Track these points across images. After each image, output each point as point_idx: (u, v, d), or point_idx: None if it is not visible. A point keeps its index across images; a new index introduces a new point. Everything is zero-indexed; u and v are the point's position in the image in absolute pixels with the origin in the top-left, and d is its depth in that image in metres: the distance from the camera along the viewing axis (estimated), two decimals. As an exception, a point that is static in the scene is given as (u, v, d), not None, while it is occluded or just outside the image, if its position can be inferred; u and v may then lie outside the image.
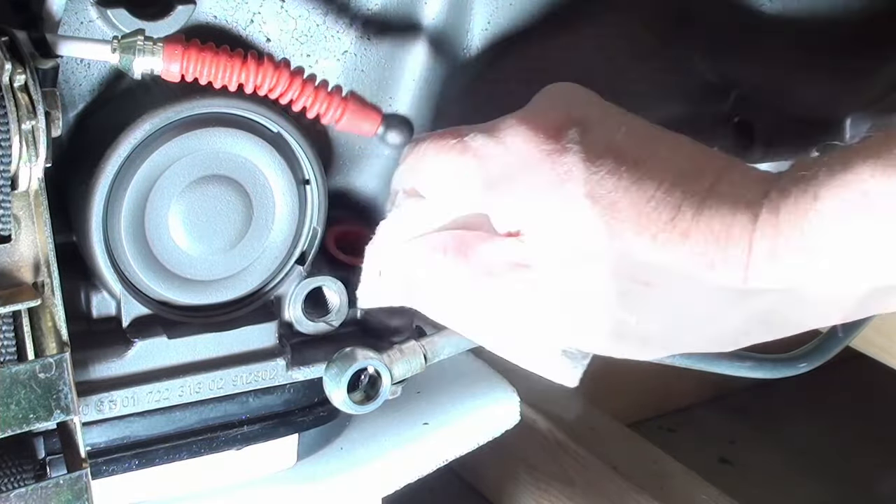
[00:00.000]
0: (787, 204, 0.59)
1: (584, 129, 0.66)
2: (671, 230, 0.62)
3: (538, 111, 0.69)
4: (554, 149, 0.65)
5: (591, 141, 0.65)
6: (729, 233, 0.61)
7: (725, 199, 0.62)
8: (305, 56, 0.82)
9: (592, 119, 0.67)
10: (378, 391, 0.76)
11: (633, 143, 0.65)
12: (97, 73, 0.77)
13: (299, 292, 0.83)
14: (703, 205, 0.62)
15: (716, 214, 0.61)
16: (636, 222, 0.62)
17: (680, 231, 0.62)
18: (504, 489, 1.42)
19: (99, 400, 0.77)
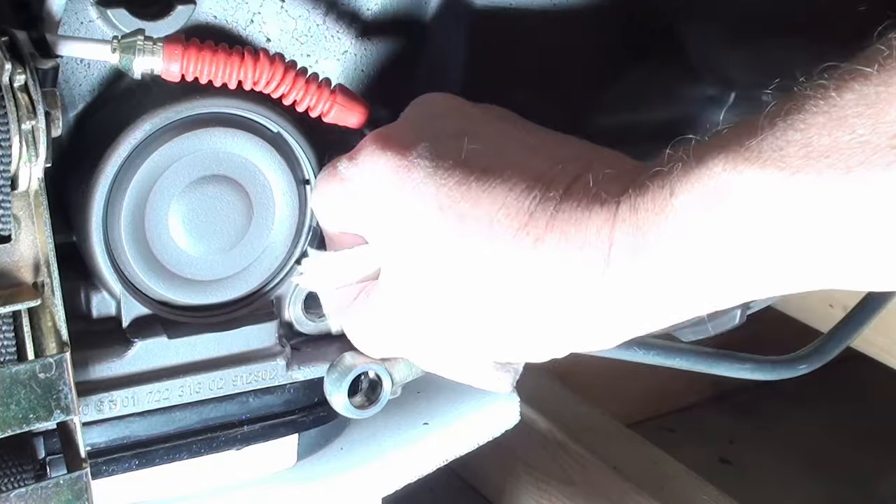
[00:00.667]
0: (645, 200, 0.59)
1: (436, 142, 0.66)
2: (524, 237, 0.62)
3: (395, 127, 0.70)
4: (402, 165, 0.66)
5: (441, 153, 0.65)
6: (585, 233, 0.61)
7: (582, 199, 0.62)
8: (305, 56, 0.82)
9: (446, 130, 0.68)
10: (378, 395, 0.76)
11: (485, 152, 0.65)
12: (97, 73, 0.77)
13: (299, 292, 0.83)
14: (557, 209, 0.62)
15: (570, 218, 0.61)
16: (487, 232, 0.62)
17: (533, 237, 0.62)
18: (504, 489, 1.42)
19: (99, 400, 0.77)
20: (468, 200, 0.63)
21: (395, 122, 0.72)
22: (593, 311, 0.62)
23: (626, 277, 0.60)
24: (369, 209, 0.68)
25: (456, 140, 0.66)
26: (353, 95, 0.76)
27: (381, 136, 0.68)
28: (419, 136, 0.67)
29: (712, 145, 0.57)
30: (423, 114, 0.72)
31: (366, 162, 0.68)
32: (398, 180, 0.66)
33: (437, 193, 0.64)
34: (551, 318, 0.64)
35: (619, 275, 0.60)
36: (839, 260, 0.54)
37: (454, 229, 0.63)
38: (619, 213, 0.60)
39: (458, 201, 0.63)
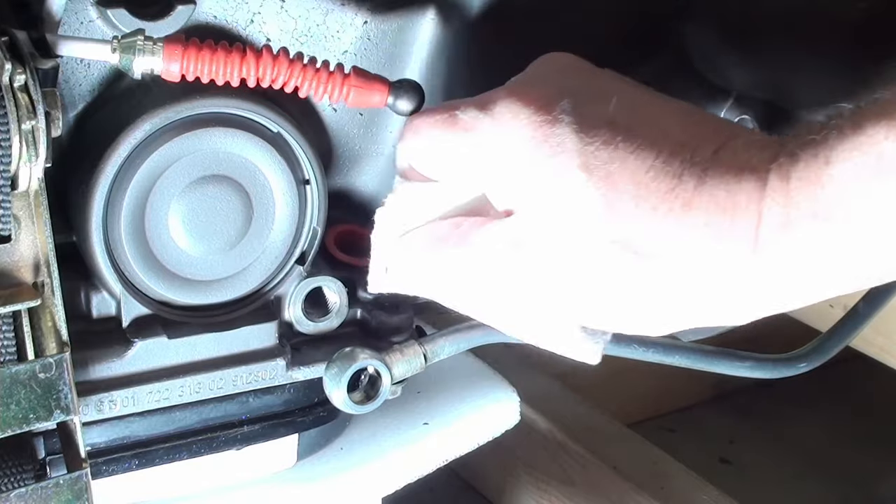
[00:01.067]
0: (798, 170, 0.56)
1: (576, 100, 0.63)
2: (672, 200, 0.59)
3: (530, 82, 0.67)
4: (545, 120, 0.62)
5: (584, 111, 0.62)
6: (735, 201, 0.58)
7: (730, 166, 0.59)
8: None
9: (586, 89, 0.65)
10: (378, 391, 0.76)
11: (628, 113, 0.63)
12: (97, 73, 0.77)
13: (299, 292, 0.83)
14: (705, 173, 0.59)
15: (720, 183, 0.58)
16: (634, 193, 0.60)
17: (682, 201, 0.59)
18: (504, 489, 1.42)
19: (99, 400, 0.77)
20: (615, 161, 0.60)
21: (526, 76, 0.68)
22: (736, 283, 0.60)
23: (775, 247, 0.57)
24: (500, 162, 0.64)
25: (598, 98, 0.63)
26: (369, 75, 0.74)
27: (519, 90, 0.65)
28: (559, 91, 0.64)
29: (871, 113, 0.55)
30: (557, 70, 0.68)
31: (503, 114, 0.64)
32: (540, 136, 0.62)
33: (581, 151, 0.61)
34: (691, 287, 0.61)
35: (768, 243, 0.57)
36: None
37: (600, 189, 0.60)
38: (769, 182, 0.57)
39: (604, 161, 0.60)
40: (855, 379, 1.65)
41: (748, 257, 0.58)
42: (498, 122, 0.64)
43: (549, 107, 0.63)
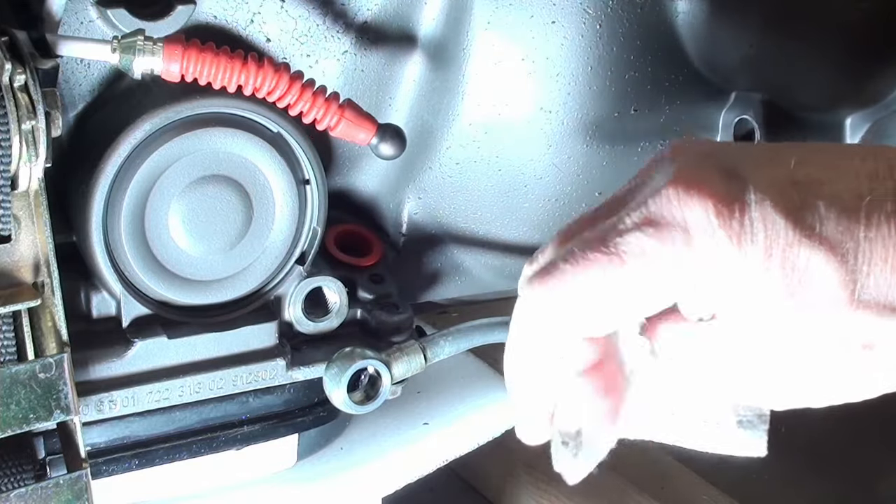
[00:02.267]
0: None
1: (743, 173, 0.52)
2: (890, 236, 0.50)
3: (687, 170, 0.53)
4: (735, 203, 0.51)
5: (763, 179, 0.52)
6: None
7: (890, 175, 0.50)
8: (305, 56, 0.82)
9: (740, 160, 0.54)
10: (378, 391, 0.76)
11: (804, 169, 0.53)
12: (97, 73, 0.77)
13: (299, 292, 0.83)
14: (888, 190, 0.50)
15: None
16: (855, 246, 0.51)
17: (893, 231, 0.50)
18: (504, 489, 1.42)
19: (99, 400, 0.77)
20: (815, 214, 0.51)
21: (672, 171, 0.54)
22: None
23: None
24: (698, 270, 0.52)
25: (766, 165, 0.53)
26: (362, 112, 0.75)
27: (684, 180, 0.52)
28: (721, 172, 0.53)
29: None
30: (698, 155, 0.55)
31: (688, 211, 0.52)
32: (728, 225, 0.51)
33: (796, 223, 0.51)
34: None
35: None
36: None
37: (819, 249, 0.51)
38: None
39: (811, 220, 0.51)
40: (855, 379, 1.65)
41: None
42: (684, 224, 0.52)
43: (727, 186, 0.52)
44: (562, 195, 0.90)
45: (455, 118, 0.85)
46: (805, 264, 0.51)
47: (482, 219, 0.91)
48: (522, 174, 0.88)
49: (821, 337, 0.53)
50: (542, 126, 0.85)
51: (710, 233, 0.51)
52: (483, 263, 0.95)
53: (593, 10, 0.83)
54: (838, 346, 0.54)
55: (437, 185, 0.89)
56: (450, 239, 0.94)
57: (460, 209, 0.91)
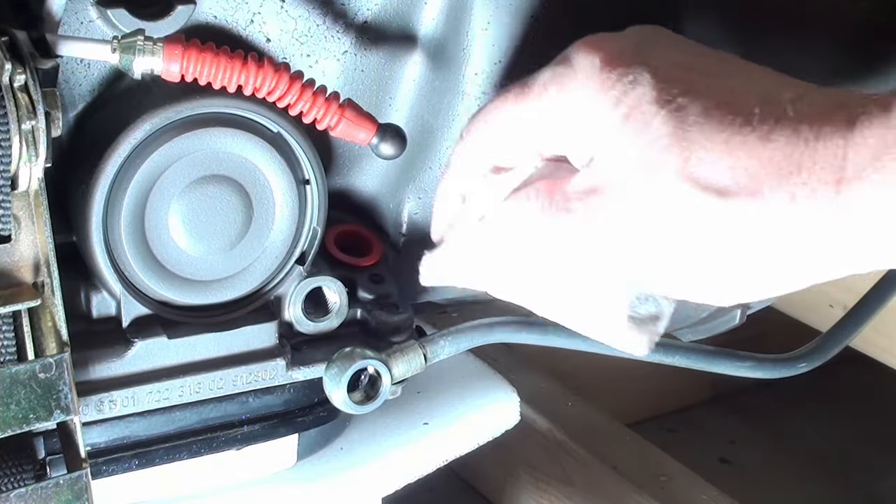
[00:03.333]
0: (891, 113, 0.53)
1: (652, 46, 0.62)
2: (748, 133, 0.56)
3: (608, 36, 0.65)
4: (620, 61, 0.61)
5: (659, 55, 0.61)
6: (819, 133, 0.54)
7: (816, 104, 0.56)
8: (305, 56, 0.82)
9: (662, 38, 0.64)
10: (378, 391, 0.76)
11: (704, 59, 0.61)
12: (97, 73, 0.77)
13: (299, 292, 0.83)
14: (787, 111, 0.56)
15: (804, 118, 0.55)
16: (706, 126, 0.57)
17: (759, 134, 0.56)
18: (504, 489, 1.42)
19: (99, 400, 0.77)
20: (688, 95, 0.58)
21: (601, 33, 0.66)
22: (819, 226, 0.55)
23: (865, 184, 0.53)
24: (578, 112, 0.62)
25: (673, 46, 0.63)
26: (362, 111, 0.75)
27: (594, 40, 0.64)
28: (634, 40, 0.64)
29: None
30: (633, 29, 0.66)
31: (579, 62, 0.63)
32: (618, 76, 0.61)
33: (655, 86, 0.60)
34: (766, 231, 0.57)
35: (856, 180, 0.53)
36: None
37: (673, 123, 0.58)
38: (866, 110, 0.54)
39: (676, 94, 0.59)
40: (855, 379, 1.65)
41: (831, 195, 0.54)
42: (574, 70, 0.63)
43: (624, 52, 0.62)
44: (562, 195, 0.90)
45: (455, 118, 0.85)
46: (650, 125, 0.58)
47: (482, 219, 0.91)
48: (522, 174, 0.88)
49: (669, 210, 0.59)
50: (541, 126, 0.85)
51: (591, 75, 0.61)
52: (483, 263, 0.95)
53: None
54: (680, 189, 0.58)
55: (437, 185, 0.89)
56: (450, 239, 0.94)
57: (460, 209, 0.91)
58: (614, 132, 0.60)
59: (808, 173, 0.55)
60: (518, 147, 0.67)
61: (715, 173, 0.57)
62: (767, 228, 0.56)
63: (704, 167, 0.57)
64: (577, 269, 0.65)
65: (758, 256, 0.58)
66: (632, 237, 0.61)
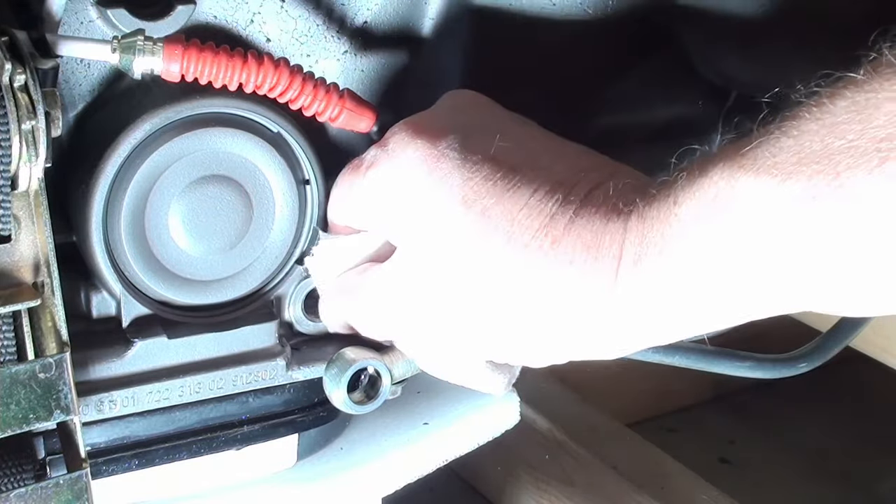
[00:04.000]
0: (651, 210, 0.59)
1: (465, 136, 0.66)
2: (542, 238, 0.62)
3: (426, 116, 0.71)
4: (433, 153, 0.66)
5: (470, 147, 0.66)
6: (599, 241, 0.61)
7: (599, 207, 0.62)
8: (305, 56, 0.82)
9: (478, 125, 0.68)
10: (378, 391, 0.76)
11: (513, 151, 0.66)
12: (97, 73, 0.77)
13: (299, 292, 0.83)
14: (577, 214, 0.62)
15: (587, 224, 0.61)
16: (507, 230, 0.63)
17: (551, 239, 0.62)
18: (504, 489, 1.42)
19: (99, 400, 0.77)
20: (492, 196, 0.64)
21: (425, 112, 0.72)
22: (599, 320, 0.62)
23: (630, 282, 0.60)
24: (392, 195, 0.68)
25: (485, 135, 0.66)
26: (361, 100, 0.76)
27: (413, 124, 0.69)
28: (450, 127, 0.68)
29: (715, 155, 0.57)
30: (453, 106, 0.72)
31: (395, 148, 0.68)
32: (426, 169, 0.66)
33: (462, 186, 0.64)
34: (558, 323, 0.64)
35: (625, 280, 0.60)
36: (831, 273, 0.53)
37: (475, 223, 0.64)
38: (629, 223, 0.60)
39: (482, 196, 0.64)
40: (855, 379, 1.65)
41: (608, 294, 0.61)
42: (392, 156, 0.68)
43: (438, 140, 0.66)
44: (562, 195, 0.90)
45: (455, 118, 0.85)
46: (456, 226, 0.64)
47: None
48: (522, 174, 0.88)
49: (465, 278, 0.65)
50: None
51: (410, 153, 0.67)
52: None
53: (594, 10, 0.83)
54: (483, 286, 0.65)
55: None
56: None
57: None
58: (424, 224, 0.66)
59: (589, 277, 0.61)
60: (348, 218, 0.74)
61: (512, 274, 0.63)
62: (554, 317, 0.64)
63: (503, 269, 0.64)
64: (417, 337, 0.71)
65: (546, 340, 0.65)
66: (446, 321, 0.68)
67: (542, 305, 0.63)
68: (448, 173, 0.65)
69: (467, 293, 0.65)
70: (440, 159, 0.66)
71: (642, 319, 0.61)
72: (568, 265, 0.61)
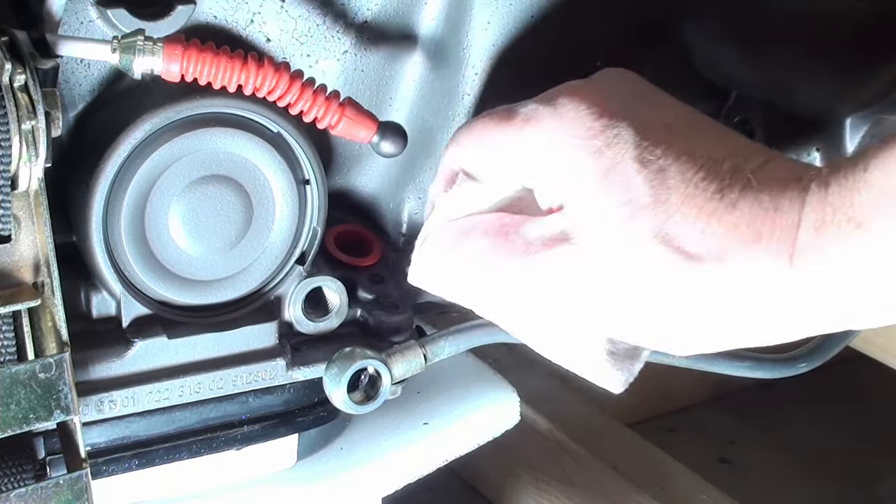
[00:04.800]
0: (837, 177, 0.57)
1: (636, 103, 0.65)
2: (718, 201, 0.60)
3: (592, 83, 0.68)
4: (605, 114, 0.64)
5: (642, 114, 0.64)
6: (778, 205, 0.59)
7: (775, 176, 0.60)
8: (305, 56, 0.82)
9: (646, 96, 0.67)
10: (378, 391, 0.76)
11: (684, 122, 0.65)
12: (97, 73, 0.77)
13: (299, 292, 0.83)
14: (752, 180, 0.60)
15: (765, 188, 0.59)
16: (683, 191, 0.61)
17: (727, 202, 0.60)
18: (504, 489, 1.42)
19: (99, 400, 0.77)
20: (667, 158, 0.62)
21: (587, 79, 0.70)
22: (776, 290, 0.59)
23: (812, 251, 0.57)
24: (554, 154, 0.65)
25: (656, 105, 0.66)
26: (362, 110, 0.75)
27: (580, 87, 0.67)
28: (618, 93, 0.66)
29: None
30: (616, 79, 0.70)
31: (564, 106, 0.66)
32: (598, 127, 0.64)
33: (637, 146, 0.63)
34: (729, 292, 0.61)
35: (806, 248, 0.58)
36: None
37: (652, 183, 0.62)
38: (810, 188, 0.58)
39: (658, 157, 0.62)
40: (855, 379, 1.65)
41: (786, 264, 0.58)
42: (559, 113, 0.65)
43: (610, 104, 0.65)
44: (562, 195, 0.89)
45: (455, 118, 0.85)
46: (631, 183, 0.61)
47: (482, 219, 0.91)
48: (522, 174, 0.88)
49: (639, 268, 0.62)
50: (542, 126, 0.85)
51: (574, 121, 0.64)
52: (483, 263, 0.95)
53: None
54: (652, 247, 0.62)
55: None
56: (450, 239, 0.94)
57: (460, 209, 0.91)
58: (592, 184, 0.63)
59: (766, 242, 0.59)
60: (491, 168, 0.69)
61: (688, 238, 0.60)
62: (729, 291, 0.60)
63: (679, 232, 0.61)
64: (547, 308, 0.67)
65: (719, 315, 0.62)
66: (599, 290, 0.64)
67: (714, 272, 0.60)
68: (622, 133, 0.63)
69: (637, 256, 0.62)
70: (613, 119, 0.64)
71: (822, 293, 0.58)
72: (745, 227, 0.59)
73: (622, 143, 0.63)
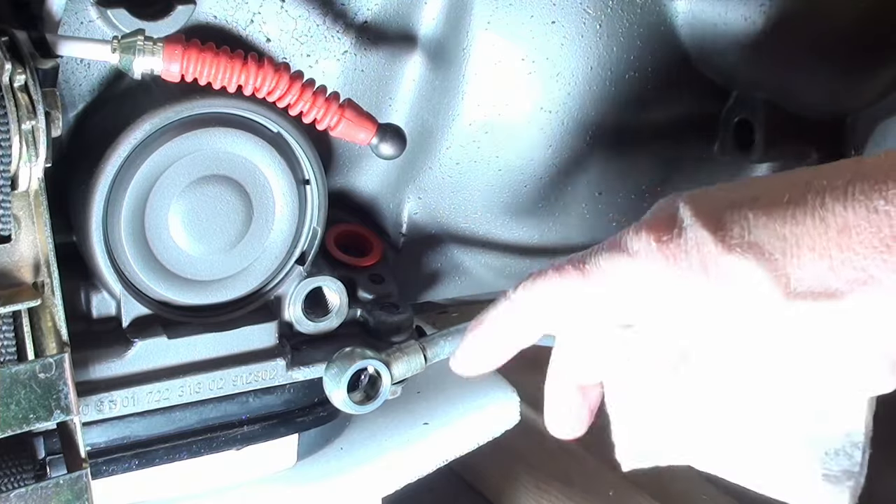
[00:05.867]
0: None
1: (691, 202, 0.60)
2: (824, 229, 0.55)
3: (648, 215, 0.63)
4: (674, 229, 0.59)
5: (702, 206, 0.59)
6: (876, 204, 0.53)
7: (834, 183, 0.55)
8: (305, 56, 0.82)
9: (695, 193, 0.61)
10: (378, 391, 0.76)
11: (737, 191, 0.60)
12: (97, 73, 0.77)
13: (299, 292, 0.83)
14: (844, 198, 0.55)
15: (849, 196, 0.55)
16: (783, 244, 0.56)
17: (838, 227, 0.54)
18: (504, 489, 1.42)
19: (99, 400, 0.77)
20: (750, 228, 0.57)
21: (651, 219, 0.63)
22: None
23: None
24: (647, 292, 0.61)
25: (707, 194, 0.61)
26: (362, 112, 0.75)
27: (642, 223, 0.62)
28: (674, 205, 0.61)
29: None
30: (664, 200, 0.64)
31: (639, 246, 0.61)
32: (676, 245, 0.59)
33: (716, 236, 0.58)
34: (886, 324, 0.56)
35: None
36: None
37: (748, 256, 0.57)
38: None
39: (740, 234, 0.57)
40: (855, 378, 1.65)
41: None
42: (634, 255, 0.61)
43: (673, 218, 0.60)
44: (562, 195, 0.90)
45: (455, 118, 0.85)
46: (734, 271, 0.56)
47: (482, 219, 0.91)
48: (522, 174, 0.88)
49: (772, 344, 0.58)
50: (542, 126, 0.85)
51: (650, 254, 0.59)
52: (483, 263, 0.95)
53: (593, 10, 0.83)
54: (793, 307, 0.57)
55: (437, 185, 0.89)
56: (450, 239, 0.94)
57: (460, 209, 0.91)
58: (699, 294, 0.59)
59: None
60: (576, 319, 0.67)
61: (818, 279, 0.55)
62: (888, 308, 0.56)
63: (805, 279, 0.56)
64: (741, 429, 0.64)
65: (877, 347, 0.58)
66: (757, 380, 0.61)
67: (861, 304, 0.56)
68: (695, 235, 0.59)
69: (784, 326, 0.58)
70: (683, 230, 0.59)
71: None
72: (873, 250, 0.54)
73: (701, 243, 0.58)
